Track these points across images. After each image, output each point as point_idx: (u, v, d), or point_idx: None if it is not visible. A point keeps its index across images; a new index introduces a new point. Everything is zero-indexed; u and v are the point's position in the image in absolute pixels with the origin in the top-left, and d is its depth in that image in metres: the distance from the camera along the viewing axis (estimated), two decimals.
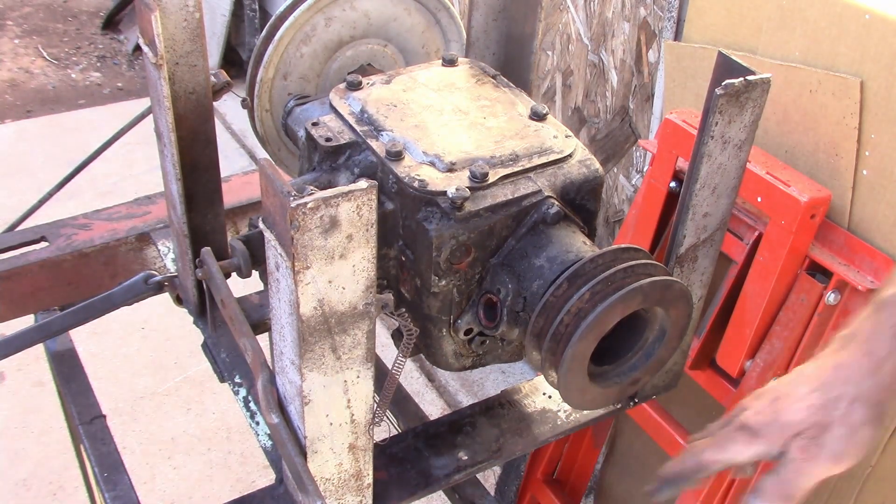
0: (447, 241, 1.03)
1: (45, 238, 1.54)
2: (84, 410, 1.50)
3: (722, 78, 1.02)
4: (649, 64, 2.27)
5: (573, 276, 0.99)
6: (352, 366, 0.96)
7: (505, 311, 1.06)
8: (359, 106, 1.18)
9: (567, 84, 2.60)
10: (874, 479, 1.15)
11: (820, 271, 1.62)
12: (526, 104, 1.21)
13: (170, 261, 1.50)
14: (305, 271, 0.85)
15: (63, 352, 1.63)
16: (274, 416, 1.00)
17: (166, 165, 1.22)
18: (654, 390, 1.36)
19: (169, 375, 3.06)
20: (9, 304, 1.50)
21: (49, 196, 2.09)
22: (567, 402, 1.06)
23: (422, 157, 1.08)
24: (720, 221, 1.17)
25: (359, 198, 0.83)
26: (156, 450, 2.80)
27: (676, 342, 1.08)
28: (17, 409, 2.88)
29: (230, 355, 1.42)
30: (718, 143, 1.06)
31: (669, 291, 1.01)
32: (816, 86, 1.62)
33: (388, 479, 1.18)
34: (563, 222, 1.07)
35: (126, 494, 1.34)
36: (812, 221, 1.58)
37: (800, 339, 1.66)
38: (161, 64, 1.10)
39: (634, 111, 2.38)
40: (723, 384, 1.81)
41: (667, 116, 1.78)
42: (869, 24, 1.52)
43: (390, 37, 1.43)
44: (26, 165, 4.12)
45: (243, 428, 2.86)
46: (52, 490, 2.64)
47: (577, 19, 2.47)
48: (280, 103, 1.37)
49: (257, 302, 1.28)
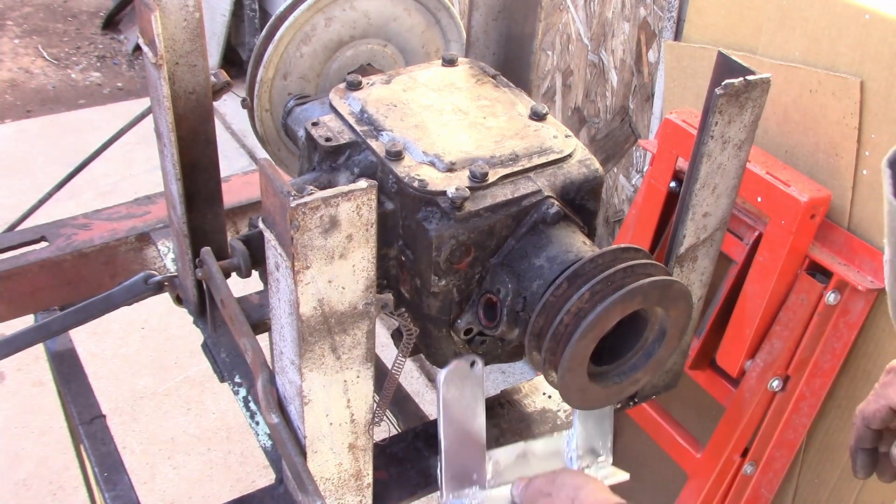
0: (447, 240, 1.03)
1: (45, 238, 1.54)
2: (84, 410, 1.50)
3: (722, 78, 1.02)
4: (649, 64, 2.27)
5: (573, 276, 0.99)
6: (352, 366, 0.96)
7: (505, 311, 1.06)
8: (359, 106, 1.18)
9: (567, 84, 2.60)
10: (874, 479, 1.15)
11: (820, 271, 1.62)
12: (526, 104, 1.21)
13: (170, 261, 1.50)
14: (305, 271, 0.85)
15: (63, 352, 1.63)
16: (274, 415, 1.00)
17: (166, 165, 1.22)
18: (654, 390, 1.36)
19: (169, 375, 3.06)
20: (9, 304, 1.50)
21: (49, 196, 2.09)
22: (567, 402, 1.06)
23: (422, 157, 1.08)
24: (720, 221, 1.17)
25: (359, 198, 0.83)
26: (156, 450, 2.80)
27: (676, 342, 1.08)
28: (17, 409, 2.88)
29: (230, 355, 1.42)
30: (718, 142, 1.06)
31: (669, 291, 1.01)
32: (816, 86, 1.62)
33: (388, 479, 1.18)
34: (562, 222, 1.07)
35: (126, 494, 1.34)
36: (812, 221, 1.58)
37: (800, 339, 1.66)
38: (161, 64, 1.10)
39: (634, 111, 2.38)
40: (723, 384, 1.81)
41: (667, 116, 1.78)
42: (869, 24, 1.52)
43: (390, 37, 1.43)
44: (26, 165, 4.12)
45: (243, 428, 2.86)
46: (52, 490, 2.64)
47: (577, 19, 2.47)
48: (280, 103, 1.37)
49: (257, 302, 1.28)
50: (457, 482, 1.13)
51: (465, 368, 1.07)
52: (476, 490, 1.14)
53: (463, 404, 1.08)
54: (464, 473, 1.13)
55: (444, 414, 1.08)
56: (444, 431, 1.09)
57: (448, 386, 1.06)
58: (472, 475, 1.13)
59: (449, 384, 1.06)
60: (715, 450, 1.79)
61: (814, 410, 1.70)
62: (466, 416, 1.09)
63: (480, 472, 1.14)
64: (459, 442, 1.11)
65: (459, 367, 1.06)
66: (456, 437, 1.10)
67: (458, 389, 1.07)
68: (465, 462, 1.12)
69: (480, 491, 1.14)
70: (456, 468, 1.12)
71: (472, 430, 1.11)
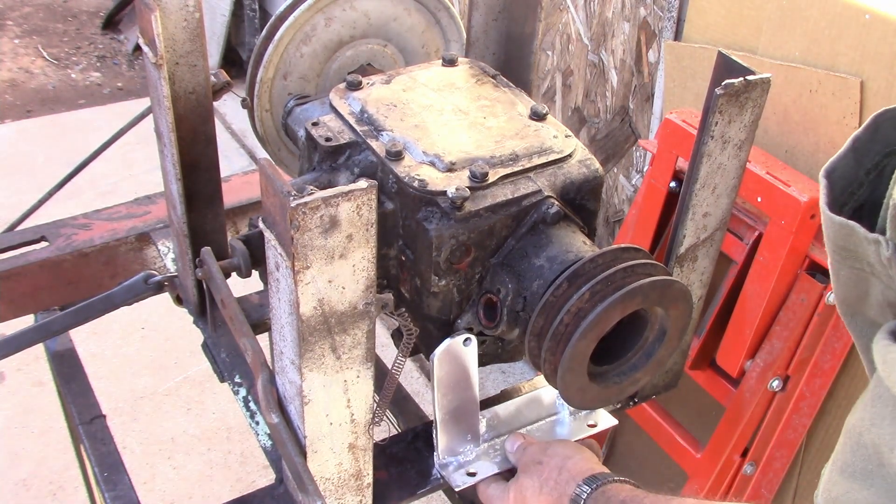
0: (447, 240, 1.03)
1: (45, 238, 1.54)
2: (84, 410, 1.50)
3: (722, 78, 1.02)
4: (649, 64, 2.27)
5: (573, 276, 0.99)
6: (352, 366, 0.96)
7: (505, 310, 1.06)
8: (359, 106, 1.18)
9: (567, 84, 2.60)
10: None
11: (820, 271, 1.62)
12: (526, 104, 1.21)
13: (170, 261, 1.50)
14: (305, 271, 0.85)
15: (63, 352, 1.63)
16: (274, 415, 1.00)
17: (166, 165, 1.22)
18: (654, 390, 1.36)
19: (169, 375, 3.06)
20: (9, 304, 1.50)
21: (49, 196, 2.08)
22: (567, 401, 1.06)
23: (422, 157, 1.08)
24: (720, 221, 1.17)
25: (359, 198, 0.83)
26: (156, 450, 2.80)
27: (676, 342, 1.08)
28: (17, 409, 2.88)
29: (230, 355, 1.42)
30: (718, 142, 1.06)
31: (669, 291, 1.01)
32: (816, 86, 1.62)
33: (388, 479, 1.18)
34: (563, 222, 1.07)
35: (126, 494, 1.34)
36: (812, 221, 1.58)
37: (800, 339, 1.66)
38: (161, 64, 1.10)
39: (634, 111, 2.38)
40: (723, 384, 1.81)
41: (667, 116, 1.78)
42: (869, 24, 1.52)
43: (390, 37, 1.43)
44: (26, 165, 4.12)
45: (243, 428, 2.86)
46: (52, 490, 2.64)
47: (577, 19, 2.47)
48: (280, 103, 1.37)
49: (257, 302, 1.28)
50: (452, 445, 1.17)
51: (458, 346, 1.09)
52: (471, 447, 1.18)
53: (457, 377, 1.11)
54: (458, 436, 1.17)
55: (438, 387, 1.11)
56: (438, 403, 1.12)
57: (441, 363, 1.09)
58: (466, 436, 1.17)
59: (442, 361, 1.09)
60: (715, 450, 1.79)
61: (814, 410, 1.70)
62: (460, 387, 1.13)
63: (474, 431, 1.17)
64: (454, 410, 1.14)
65: (453, 345, 1.09)
66: (450, 406, 1.14)
67: (452, 365, 1.10)
68: (459, 426, 1.16)
69: (475, 447, 1.18)
70: (451, 433, 1.16)
71: (465, 398, 1.14)
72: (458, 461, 1.17)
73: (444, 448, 1.16)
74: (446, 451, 1.16)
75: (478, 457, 1.17)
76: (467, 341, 1.09)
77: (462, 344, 1.09)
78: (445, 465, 1.16)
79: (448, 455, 1.17)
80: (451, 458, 1.17)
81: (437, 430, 1.14)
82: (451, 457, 1.17)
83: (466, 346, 1.09)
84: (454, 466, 1.16)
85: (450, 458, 1.17)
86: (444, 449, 1.16)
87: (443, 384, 1.11)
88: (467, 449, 1.17)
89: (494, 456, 1.18)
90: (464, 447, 1.17)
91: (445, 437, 1.15)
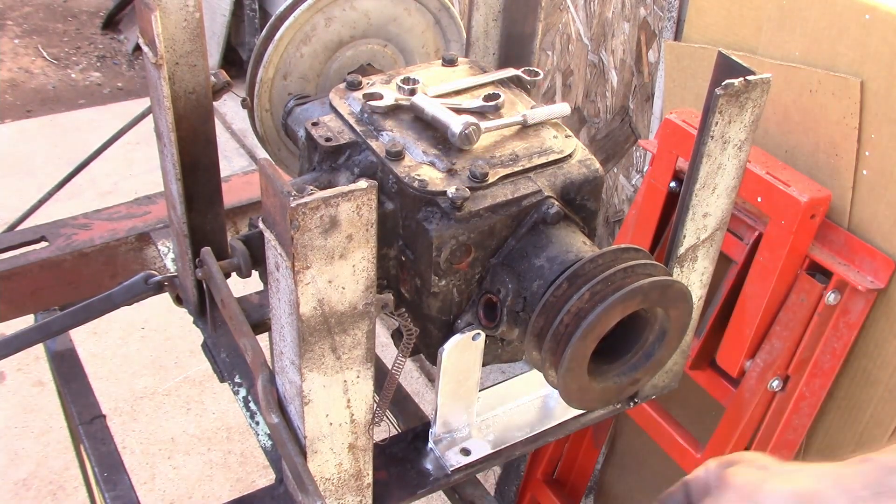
0: (447, 241, 1.03)
1: (45, 238, 1.54)
2: (84, 410, 1.50)
3: (722, 78, 1.02)
4: (649, 64, 2.27)
5: (573, 276, 0.99)
6: (352, 366, 0.96)
7: (505, 311, 1.06)
8: (359, 106, 1.18)
9: (567, 84, 2.60)
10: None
11: (820, 271, 1.62)
12: (526, 104, 1.21)
13: (170, 261, 1.50)
14: (305, 271, 0.85)
15: (63, 352, 1.63)
16: (274, 416, 1.00)
17: (166, 165, 1.22)
18: (654, 390, 1.36)
19: (169, 375, 3.06)
20: (9, 304, 1.50)
21: (49, 196, 2.09)
22: (567, 401, 1.06)
23: (422, 157, 1.08)
24: (720, 221, 1.17)
25: (359, 198, 0.83)
26: (156, 450, 2.80)
27: (676, 342, 1.08)
28: (17, 409, 2.88)
29: (230, 355, 1.42)
30: (718, 143, 1.06)
31: (669, 291, 1.01)
32: (816, 86, 1.62)
33: (388, 479, 1.18)
34: (563, 222, 1.07)
35: (126, 494, 1.34)
36: (812, 221, 1.58)
37: (800, 339, 1.66)
38: (161, 64, 1.10)
39: (634, 111, 2.38)
40: (723, 384, 1.81)
41: (667, 116, 1.78)
42: (869, 24, 1.52)
43: (390, 37, 1.43)
44: (26, 165, 4.12)
45: (243, 428, 2.86)
46: (52, 490, 2.64)
47: (577, 19, 2.47)
48: (280, 103, 1.37)
49: (257, 302, 1.28)
50: (449, 421, 1.22)
51: (467, 341, 1.12)
52: (465, 425, 1.24)
53: (461, 367, 1.15)
54: (456, 414, 1.22)
55: (443, 376, 1.15)
56: (441, 389, 1.16)
57: (450, 356, 1.12)
58: (462, 415, 1.23)
59: (451, 354, 1.12)
60: (715, 450, 1.79)
61: (814, 410, 1.70)
62: (463, 374, 1.17)
63: (470, 410, 1.23)
64: (454, 393, 1.19)
65: (463, 339, 1.11)
66: (452, 392, 1.18)
67: (459, 357, 1.13)
68: (457, 406, 1.21)
69: (468, 425, 1.24)
70: (449, 412, 1.21)
71: (466, 383, 1.19)
72: (453, 436, 1.22)
73: (440, 423, 1.21)
74: (442, 427, 1.22)
75: (471, 433, 1.23)
76: (476, 336, 1.12)
77: (471, 339, 1.12)
78: (440, 440, 1.22)
79: (443, 430, 1.22)
80: (446, 433, 1.22)
81: (437, 409, 1.19)
82: (446, 433, 1.22)
83: (475, 340, 1.12)
84: (447, 442, 1.22)
85: (445, 434, 1.22)
86: (441, 424, 1.21)
87: (448, 374, 1.14)
88: (462, 426, 1.23)
89: (487, 434, 1.23)
90: (459, 424, 1.23)
91: (443, 415, 1.20)
